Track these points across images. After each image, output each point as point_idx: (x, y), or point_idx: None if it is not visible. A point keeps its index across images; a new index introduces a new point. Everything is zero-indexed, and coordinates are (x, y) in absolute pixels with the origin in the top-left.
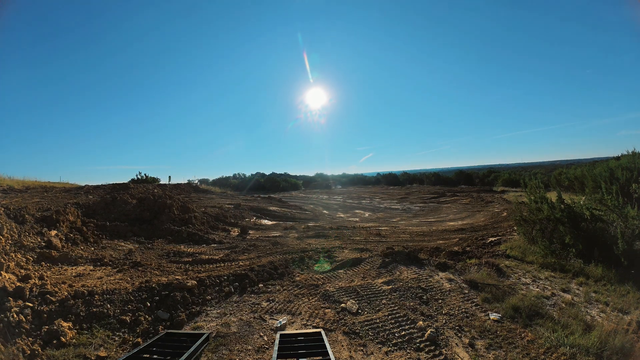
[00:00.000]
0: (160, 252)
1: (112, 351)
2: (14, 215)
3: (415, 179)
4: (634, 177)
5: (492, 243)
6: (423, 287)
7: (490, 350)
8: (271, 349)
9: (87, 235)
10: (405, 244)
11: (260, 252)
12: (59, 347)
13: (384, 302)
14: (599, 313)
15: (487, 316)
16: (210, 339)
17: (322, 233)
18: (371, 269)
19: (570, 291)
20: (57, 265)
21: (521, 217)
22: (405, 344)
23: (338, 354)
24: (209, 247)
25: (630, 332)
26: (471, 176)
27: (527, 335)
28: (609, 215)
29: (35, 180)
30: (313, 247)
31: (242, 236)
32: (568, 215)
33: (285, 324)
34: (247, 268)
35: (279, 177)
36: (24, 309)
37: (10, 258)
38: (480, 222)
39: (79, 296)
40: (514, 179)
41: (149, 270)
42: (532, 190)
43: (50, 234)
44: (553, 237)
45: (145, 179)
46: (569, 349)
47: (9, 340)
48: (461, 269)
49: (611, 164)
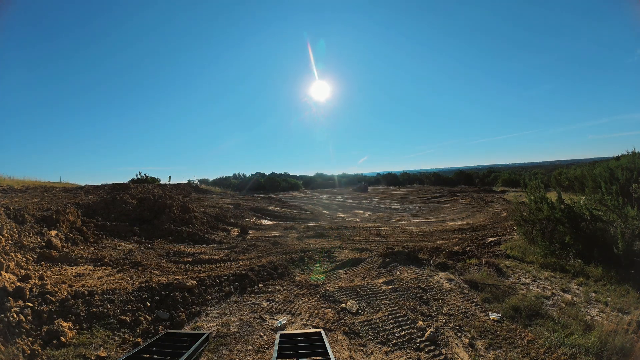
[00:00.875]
0: (160, 252)
1: (112, 351)
2: (14, 215)
3: (415, 179)
4: (634, 177)
5: (492, 243)
6: (423, 287)
7: (490, 350)
8: (271, 349)
9: (87, 235)
10: (405, 244)
11: (260, 252)
12: (59, 347)
13: (384, 302)
14: (599, 313)
15: (487, 316)
16: (210, 339)
17: (322, 233)
18: (371, 269)
19: (570, 291)
20: (57, 265)
21: (521, 217)
22: (405, 343)
23: (338, 354)
24: (209, 247)
25: (630, 332)
26: (471, 176)
27: (527, 335)
28: (609, 215)
29: (35, 180)
30: (313, 247)
31: (242, 236)
32: (568, 216)
33: (285, 324)
34: (247, 268)
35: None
36: (24, 309)
37: (10, 258)
38: (480, 222)
39: (79, 296)
40: (514, 179)
41: (149, 270)
42: (532, 190)
43: (50, 234)
44: (553, 237)
45: (145, 179)
46: (569, 349)
47: (9, 340)
48: (461, 269)
49: (611, 164)
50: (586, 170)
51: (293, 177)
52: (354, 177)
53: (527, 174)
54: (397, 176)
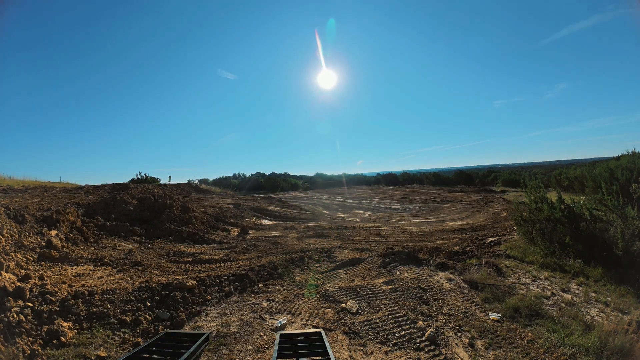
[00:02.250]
0: (161, 252)
1: (112, 351)
2: (14, 215)
3: (415, 179)
4: (634, 177)
5: (492, 243)
6: (423, 287)
7: (490, 350)
8: (271, 349)
9: (87, 235)
10: (405, 244)
11: (260, 252)
12: (59, 347)
13: (383, 302)
14: (599, 313)
15: (487, 316)
16: (210, 339)
17: (322, 233)
18: (371, 269)
19: (570, 291)
20: (57, 265)
21: (521, 217)
22: (405, 343)
23: (338, 353)
24: (209, 247)
25: (630, 332)
26: (471, 176)
27: (527, 335)
28: (609, 216)
29: (35, 180)
30: (313, 247)
31: (242, 236)
32: (568, 216)
33: (285, 323)
34: (247, 268)
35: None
36: (24, 309)
37: (10, 258)
38: (480, 222)
39: (79, 296)
40: (514, 179)
41: (149, 270)
42: (532, 190)
43: (50, 234)
44: (553, 237)
45: (145, 179)
46: (568, 349)
47: (9, 340)
48: (461, 269)
49: (611, 164)
50: (586, 170)
51: (293, 177)
52: (354, 177)
53: (527, 174)
54: (397, 176)
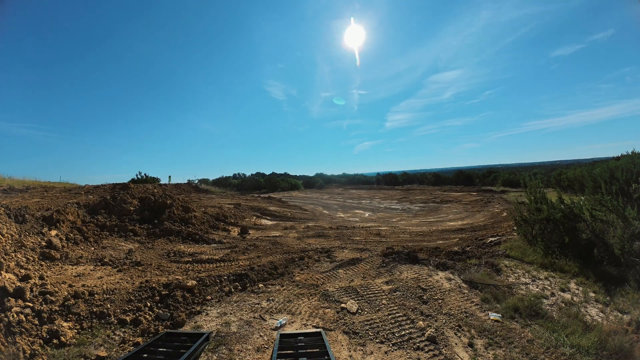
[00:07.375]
0: (161, 252)
1: (112, 351)
2: (15, 215)
3: (415, 179)
4: (633, 177)
5: (491, 243)
6: (423, 287)
7: (489, 349)
8: (271, 349)
9: (87, 235)
10: (405, 243)
11: (260, 251)
12: (59, 347)
13: (383, 302)
14: (598, 313)
15: (486, 316)
16: (210, 339)
17: (322, 233)
18: (371, 269)
19: (570, 291)
20: (58, 265)
21: (521, 217)
22: (405, 343)
23: (338, 353)
24: (209, 246)
25: (629, 332)
26: (471, 176)
27: (526, 335)
28: (609, 216)
29: (35, 180)
30: (313, 247)
31: (242, 236)
32: (568, 216)
33: (285, 323)
34: (247, 268)
35: (279, 177)
36: (24, 309)
37: (10, 258)
38: (480, 222)
39: (79, 296)
40: (514, 179)
41: (149, 270)
42: (532, 190)
43: (50, 234)
44: (553, 238)
45: (145, 179)
46: (568, 349)
47: (9, 339)
48: (461, 269)
49: (611, 165)
50: (586, 171)
51: (293, 177)
52: (354, 177)
53: (527, 174)
54: (397, 176)
